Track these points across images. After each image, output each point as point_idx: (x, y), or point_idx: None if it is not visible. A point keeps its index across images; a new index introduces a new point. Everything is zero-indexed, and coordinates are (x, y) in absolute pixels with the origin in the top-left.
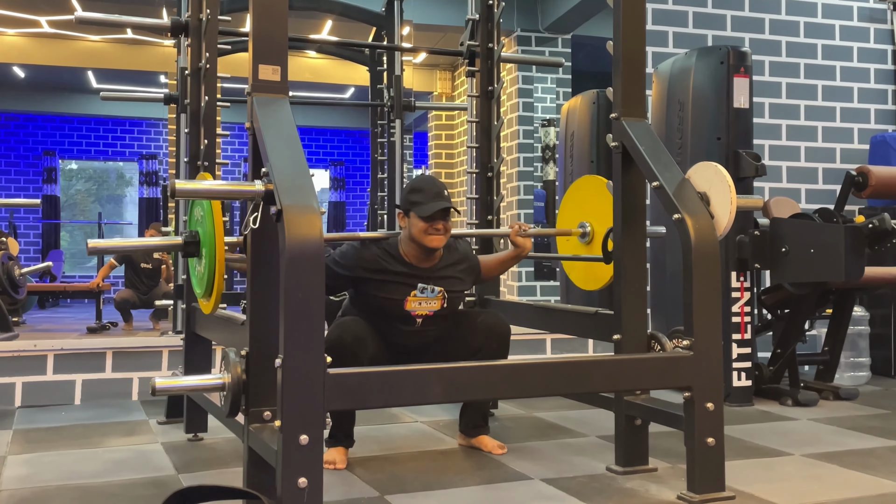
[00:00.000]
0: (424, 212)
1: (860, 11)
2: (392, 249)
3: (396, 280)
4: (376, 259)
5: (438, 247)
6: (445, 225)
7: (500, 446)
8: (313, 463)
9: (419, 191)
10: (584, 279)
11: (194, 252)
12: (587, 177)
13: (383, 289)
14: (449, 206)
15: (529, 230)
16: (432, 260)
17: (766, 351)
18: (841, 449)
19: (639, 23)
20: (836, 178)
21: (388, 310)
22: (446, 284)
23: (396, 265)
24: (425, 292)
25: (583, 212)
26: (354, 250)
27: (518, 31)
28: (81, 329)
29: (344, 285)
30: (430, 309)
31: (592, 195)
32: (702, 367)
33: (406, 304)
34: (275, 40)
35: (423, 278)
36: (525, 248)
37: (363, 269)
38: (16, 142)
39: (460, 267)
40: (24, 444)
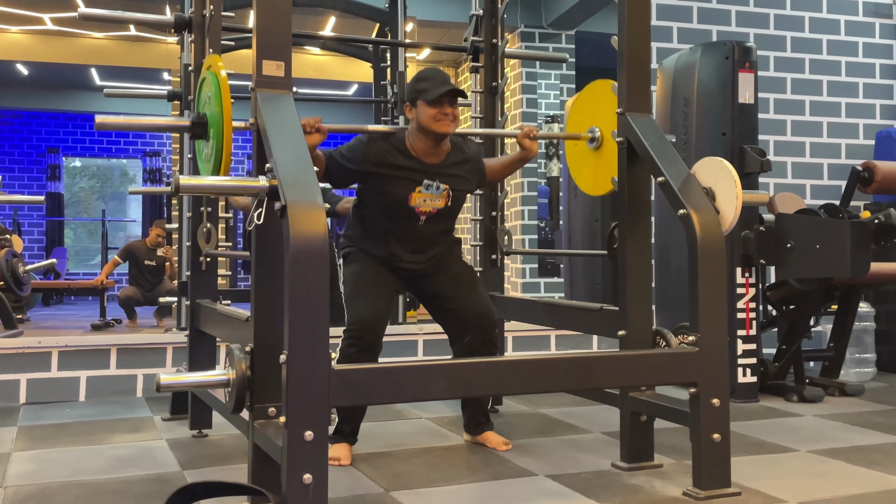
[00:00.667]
0: (431, 95)
1: (865, 6)
2: (399, 144)
3: (402, 175)
4: (383, 153)
5: (448, 133)
6: (454, 111)
7: (504, 443)
8: (318, 459)
9: (425, 79)
10: (592, 185)
11: (202, 133)
12: (598, 81)
13: (389, 183)
14: (455, 88)
15: (538, 133)
16: (439, 155)
17: (771, 347)
18: (846, 445)
19: (643, 18)
20: (842, 173)
21: (392, 205)
22: (452, 182)
23: (403, 160)
24: (430, 189)
25: (592, 116)
26: (362, 144)
27: (522, 27)
28: (85, 326)
29: (350, 178)
30: (434, 206)
31: (603, 100)
32: (707, 363)
33: (411, 199)
34: (278, 36)
35: (429, 174)
36: (532, 151)
37: (370, 164)
38: (19, 139)
39: (467, 167)
40: (28, 441)
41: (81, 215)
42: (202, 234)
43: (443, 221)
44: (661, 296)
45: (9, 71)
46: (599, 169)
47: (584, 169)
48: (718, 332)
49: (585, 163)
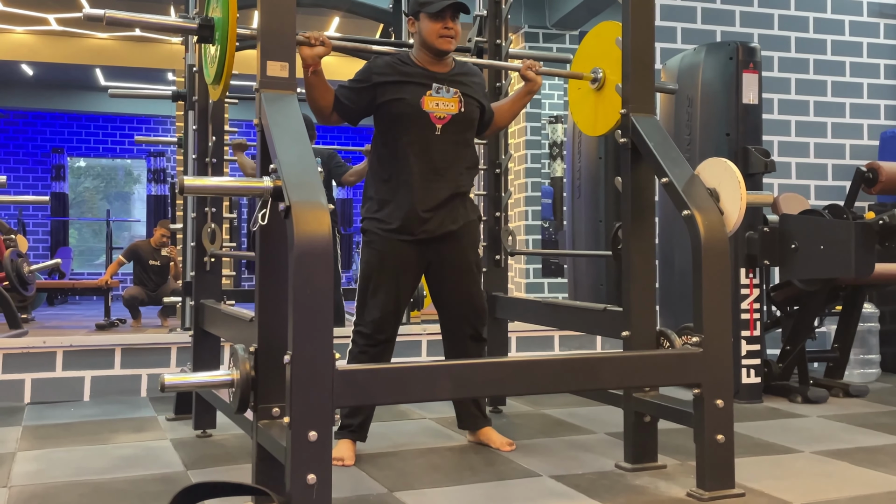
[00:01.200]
0: (433, 9)
1: (870, 7)
2: (404, 57)
3: (412, 80)
4: (390, 64)
5: (448, 50)
6: (455, 27)
7: (508, 443)
8: (322, 459)
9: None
10: (592, 125)
11: (209, 36)
12: (604, 23)
13: (400, 90)
14: (459, 1)
15: (540, 67)
16: (445, 66)
17: (775, 348)
18: (851, 446)
19: (648, 19)
20: (846, 174)
21: (406, 114)
22: (462, 88)
23: (410, 68)
24: (441, 92)
25: (597, 58)
26: (367, 64)
27: (526, 28)
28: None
29: (362, 100)
30: (447, 111)
31: (608, 42)
32: (711, 363)
33: (423, 103)
34: (283, 37)
35: (438, 80)
36: (536, 83)
37: (377, 75)
38: (24, 139)
39: (472, 78)
40: (33, 441)
41: (86, 215)
42: (207, 234)
43: (459, 132)
44: (664, 296)
45: (14, 71)
46: (600, 109)
47: (585, 109)
48: (722, 333)
49: (587, 103)
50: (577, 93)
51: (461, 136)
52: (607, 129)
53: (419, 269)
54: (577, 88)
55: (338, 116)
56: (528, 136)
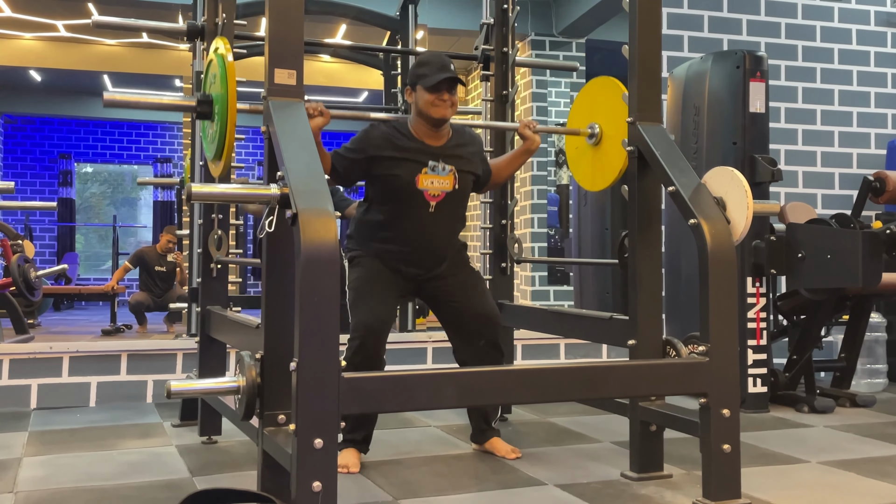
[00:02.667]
0: (429, 83)
1: (877, 16)
2: (402, 128)
3: (407, 157)
4: (386, 136)
5: (445, 117)
6: (451, 98)
7: (513, 451)
8: (328, 467)
9: (425, 64)
10: (590, 180)
11: (208, 113)
12: (599, 78)
13: (395, 167)
14: (454, 76)
15: (538, 126)
16: (441, 138)
17: (781, 357)
18: (858, 456)
19: (654, 27)
20: (853, 183)
21: (400, 190)
22: (457, 163)
23: (407, 142)
24: (436, 170)
25: (593, 112)
26: (364, 133)
27: (532, 35)
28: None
29: (356, 170)
30: (442, 189)
31: (605, 97)
32: (718, 373)
33: (418, 181)
34: (290, 44)
35: (434, 156)
36: (535, 142)
37: (374, 148)
38: (32, 145)
39: (469, 149)
40: (39, 446)
41: (93, 221)
42: (213, 240)
43: (452, 208)
44: (671, 305)
45: (22, 77)
46: (598, 165)
47: (583, 164)
48: (729, 342)
49: (584, 158)
50: (574, 150)
51: (455, 211)
52: (606, 185)
53: (406, 289)
54: (575, 147)
55: (331, 179)
56: None
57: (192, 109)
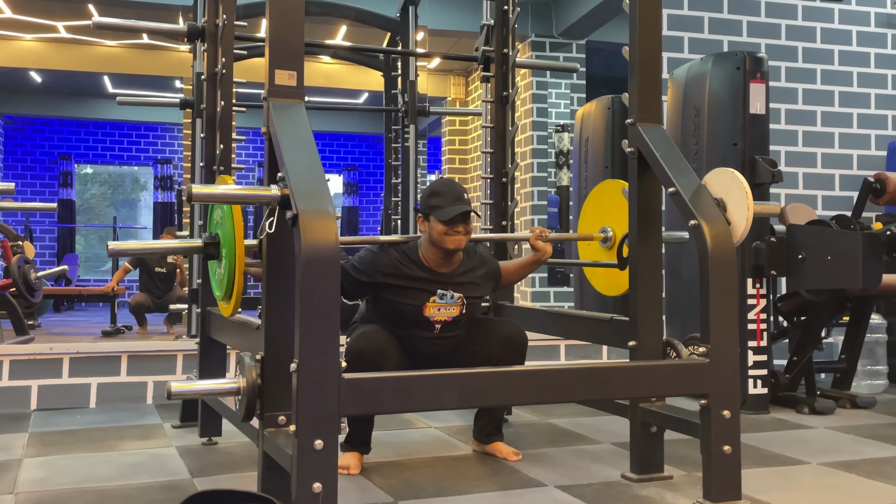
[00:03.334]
0: (444, 216)
1: (877, 17)
2: (412, 254)
3: (415, 286)
4: (395, 264)
5: (459, 248)
6: (466, 228)
7: (514, 453)
8: (328, 468)
9: (438, 195)
10: (605, 285)
11: (214, 254)
12: (609, 181)
13: (402, 295)
14: (469, 209)
15: (550, 235)
16: (452, 265)
17: (782, 358)
18: (858, 458)
19: (654, 28)
20: (853, 184)
21: (406, 315)
22: (465, 290)
23: (416, 270)
24: (444, 298)
25: (605, 216)
26: (373, 255)
27: (533, 37)
28: (96, 332)
29: (363, 291)
30: (449, 315)
31: (615, 200)
32: (718, 374)
33: (425, 310)
34: (291, 45)
35: (443, 284)
36: (546, 253)
37: (382, 275)
38: (32, 146)
39: (479, 273)
40: (39, 448)
41: (93, 222)
42: None
43: (458, 329)
44: (671, 306)
45: (22, 78)
46: (613, 269)
47: (598, 269)
48: (729, 343)
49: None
50: (588, 251)
51: (459, 331)
52: (624, 290)
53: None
54: (588, 245)
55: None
56: (535, 145)
57: (198, 251)
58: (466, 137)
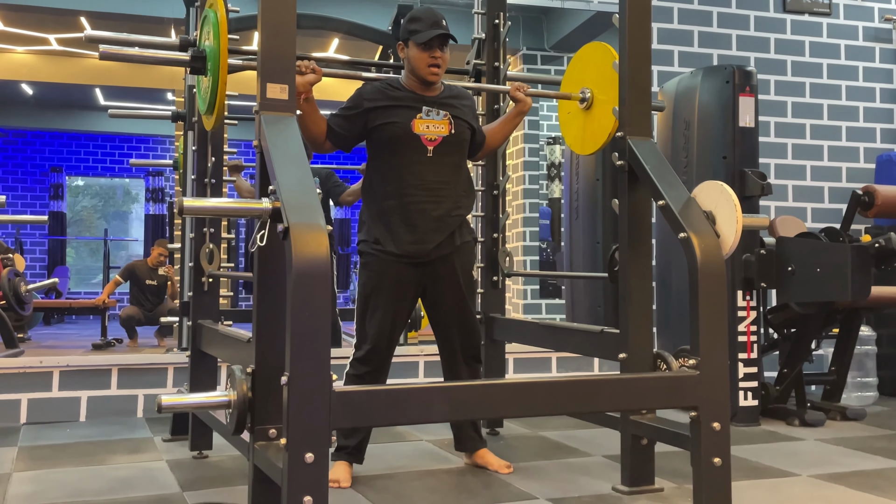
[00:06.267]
0: (421, 38)
1: (865, 31)
2: (394, 82)
3: (402, 104)
4: (380, 90)
5: (436, 80)
6: (443, 56)
7: (506, 465)
8: (319, 481)
9: (417, 20)
10: (580, 143)
11: (201, 68)
12: (594, 43)
13: (390, 114)
14: (446, 31)
15: (528, 89)
16: (435, 91)
17: (772, 370)
18: (848, 470)
19: (645, 42)
20: (842, 197)
21: (396, 135)
22: (451, 110)
23: (400, 93)
24: (431, 115)
25: (585, 78)
26: (357, 91)
27: (524, 50)
28: (86, 345)
29: (354, 126)
30: (438, 133)
31: (596, 63)
32: (708, 386)
33: (414, 126)
34: (283, 59)
35: (428, 102)
36: (526, 104)
37: (368, 101)
38: (23, 158)
39: (462, 101)
40: (29, 462)
41: (83, 234)
42: (205, 254)
43: (450, 155)
44: (661, 319)
45: (14, 91)
46: (588, 129)
47: (574, 128)
48: (719, 356)
49: (575, 122)
50: (566, 115)
51: (453, 158)
52: (596, 148)
53: (416, 290)
54: (567, 112)
55: (330, 144)
56: (527, 158)
57: (185, 63)
58: None
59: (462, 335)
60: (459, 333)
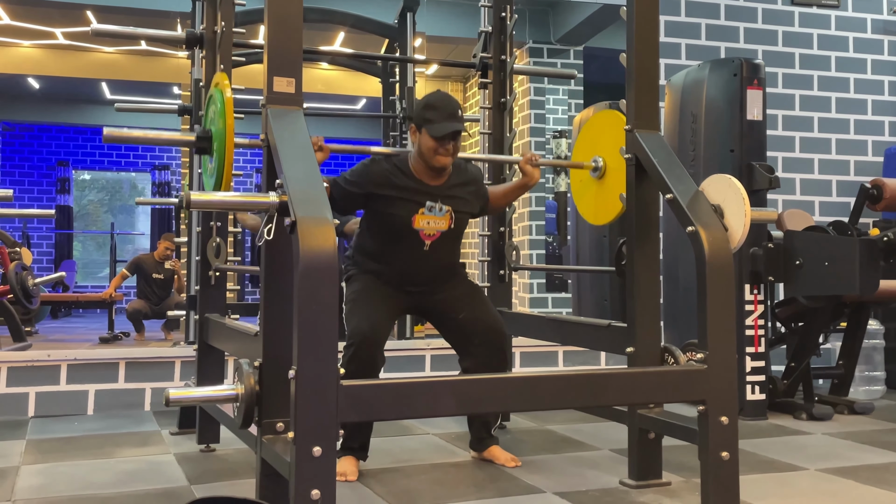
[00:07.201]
0: (436, 131)
1: (874, 24)
2: (402, 165)
3: (405, 196)
4: (386, 174)
5: (445, 166)
6: (455, 145)
7: (513, 459)
8: (326, 475)
9: (433, 108)
10: (593, 214)
11: (207, 148)
12: (604, 111)
13: (392, 205)
14: (461, 128)
15: (540, 160)
16: (441, 178)
17: (779, 364)
18: (856, 464)
19: (652, 35)
20: (851, 190)
21: (396, 227)
22: (454, 204)
23: (406, 180)
24: (433, 210)
25: (597, 146)
26: (365, 167)
27: (530, 43)
28: (94, 339)
29: (354, 202)
30: (437, 229)
31: (608, 130)
32: (716, 380)
33: (414, 221)
34: (289, 52)
35: (432, 196)
36: (533, 178)
37: (373, 185)
38: (30, 152)
39: (469, 188)
40: (37, 455)
41: (90, 228)
42: (212, 248)
43: (447, 246)
44: (669, 312)
45: (20, 85)
46: (601, 198)
47: (586, 197)
48: (727, 350)
49: (588, 191)
50: (578, 183)
51: (449, 248)
52: (610, 219)
53: (405, 304)
54: (580, 180)
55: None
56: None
57: (191, 144)
58: (464, 143)
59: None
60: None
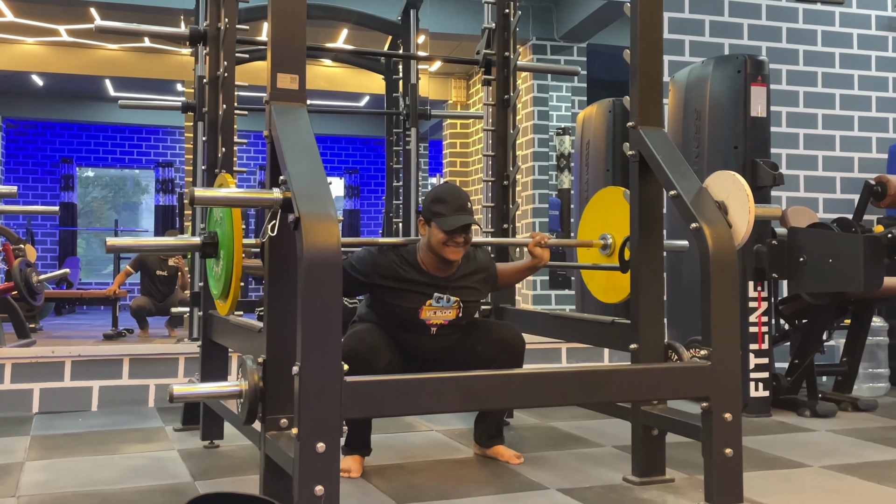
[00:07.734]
0: (446, 225)
1: (878, 20)
2: (410, 257)
3: (412, 289)
4: (393, 266)
5: (456, 259)
6: (466, 237)
7: (516, 456)
8: (330, 471)
9: (443, 202)
10: (604, 291)
11: (212, 253)
12: (609, 188)
13: (399, 297)
14: (472, 221)
15: (549, 241)
16: (449, 269)
17: (783, 361)
18: (860, 461)
19: (656, 31)
20: (855, 187)
21: (402, 317)
22: (462, 294)
23: (413, 273)
24: (441, 302)
25: (604, 223)
26: (372, 256)
27: (534, 40)
28: (98, 336)
29: (360, 290)
30: (445, 318)
31: (615, 206)
32: (720, 377)
33: (421, 312)
34: (293, 49)
35: (440, 287)
36: (542, 259)
37: (379, 276)
38: (34, 149)
39: (477, 277)
40: (41, 451)
41: (94, 225)
42: None
43: (454, 331)
44: (672, 309)
45: (24, 82)
46: (613, 275)
47: (597, 275)
48: (731, 347)
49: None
50: (587, 257)
51: (456, 332)
52: (623, 297)
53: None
54: (588, 252)
55: None
56: (536, 148)
57: (196, 249)
58: (468, 140)
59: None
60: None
